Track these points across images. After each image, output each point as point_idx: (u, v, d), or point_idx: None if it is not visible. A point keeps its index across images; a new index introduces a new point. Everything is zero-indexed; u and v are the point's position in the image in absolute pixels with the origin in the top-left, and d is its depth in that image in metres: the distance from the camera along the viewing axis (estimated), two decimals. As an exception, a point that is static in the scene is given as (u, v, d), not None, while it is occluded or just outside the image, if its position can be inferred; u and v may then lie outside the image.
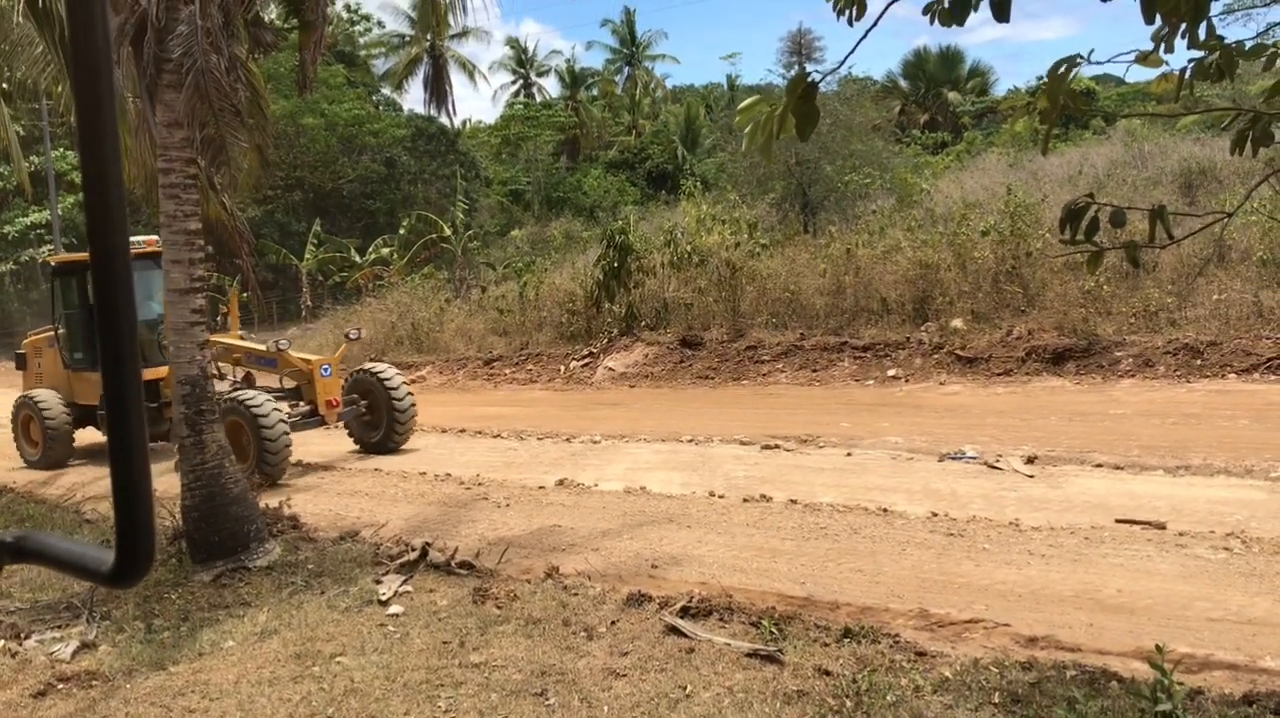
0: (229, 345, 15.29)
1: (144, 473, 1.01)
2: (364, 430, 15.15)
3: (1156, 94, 4.26)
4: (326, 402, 14.17)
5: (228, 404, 12.81)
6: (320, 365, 14.23)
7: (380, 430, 14.96)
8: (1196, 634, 6.48)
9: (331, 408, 14.20)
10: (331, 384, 14.30)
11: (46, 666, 7.21)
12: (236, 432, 12.72)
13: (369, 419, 15.01)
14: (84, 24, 0.96)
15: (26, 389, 17.08)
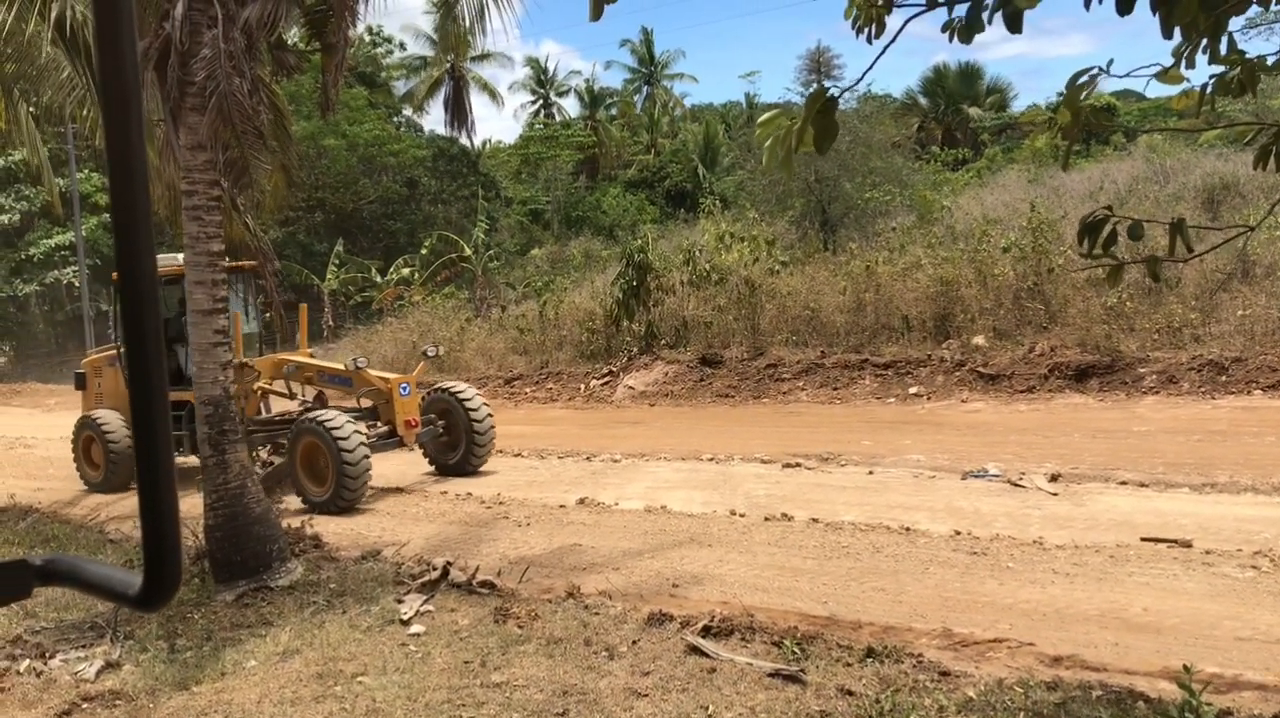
0: (301, 363, 14.75)
1: (171, 496, 1.02)
2: (441, 452, 14.52)
3: (1178, 109, 4.24)
4: (405, 422, 13.49)
5: (304, 425, 12.58)
6: (399, 384, 13.59)
7: (458, 452, 14.34)
8: (1225, 654, 6.41)
9: (410, 428, 13.54)
10: (410, 403, 13.64)
11: (71, 685, 7.24)
12: (312, 454, 12.55)
13: (446, 440, 14.40)
14: (112, 49, 0.97)
15: (86, 410, 16.50)
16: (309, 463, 12.68)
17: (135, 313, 0.99)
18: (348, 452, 12.17)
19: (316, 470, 12.59)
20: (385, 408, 13.69)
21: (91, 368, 16.90)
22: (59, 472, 17.08)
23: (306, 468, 12.69)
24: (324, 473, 12.47)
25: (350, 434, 12.29)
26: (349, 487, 12.25)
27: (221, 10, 8.79)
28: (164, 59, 8.91)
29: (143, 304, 0.99)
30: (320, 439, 12.34)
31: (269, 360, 14.83)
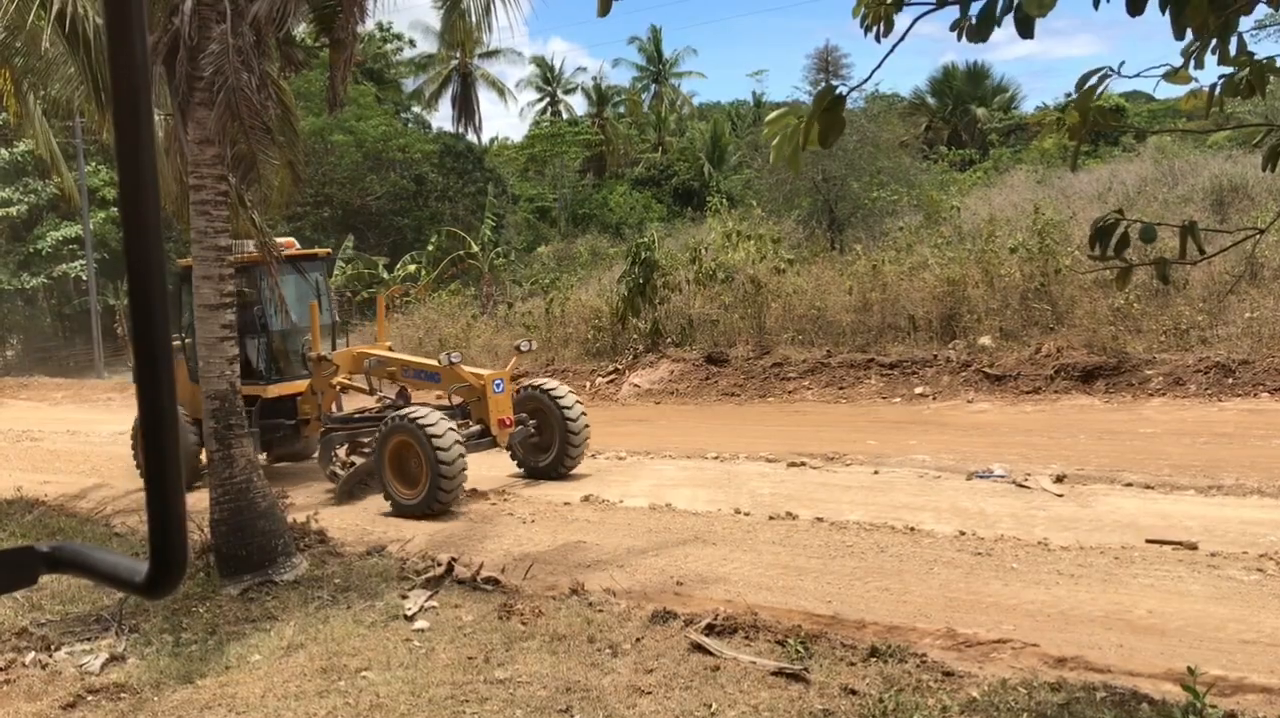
0: (383, 357, 13.95)
1: (177, 485, 1.02)
2: (531, 453, 13.53)
3: (1186, 110, 4.24)
4: (499, 420, 12.55)
5: (396, 423, 11.92)
6: (493, 380, 12.63)
7: (549, 454, 13.36)
8: (1230, 657, 6.40)
9: (504, 428, 12.61)
10: (504, 401, 12.71)
11: (76, 678, 7.26)
12: (403, 454, 11.96)
13: (537, 441, 13.39)
14: (122, 43, 0.97)
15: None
16: (398, 464, 12.05)
17: (144, 306, 1.00)
18: (443, 452, 11.46)
19: (407, 472, 11.96)
20: (477, 406, 12.80)
21: None
22: (65, 465, 17.14)
23: (395, 469, 12.05)
24: (415, 475, 11.82)
25: (446, 433, 11.59)
26: (444, 489, 11.55)
27: (230, 5, 8.81)
28: (173, 54, 8.93)
29: (151, 297, 1.00)
30: (413, 439, 11.68)
31: (347, 354, 14.21)
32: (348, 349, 14.51)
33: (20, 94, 11.90)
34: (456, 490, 11.71)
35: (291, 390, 14.34)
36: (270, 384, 14.34)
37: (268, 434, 14.33)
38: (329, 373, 13.69)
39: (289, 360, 14.82)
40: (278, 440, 14.79)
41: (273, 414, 14.37)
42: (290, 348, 14.88)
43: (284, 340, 14.75)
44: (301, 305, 14.96)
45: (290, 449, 15.46)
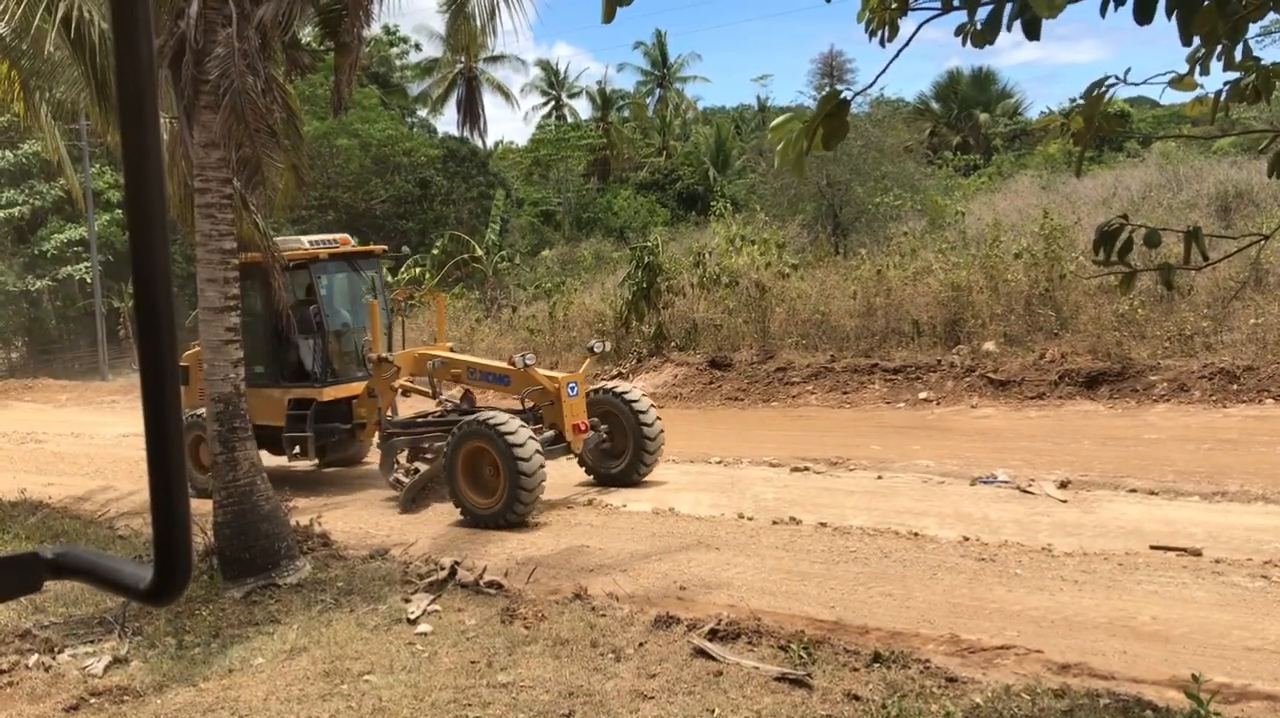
0: (448, 359, 13.32)
1: (182, 491, 1.02)
2: (602, 460, 12.90)
3: (1192, 116, 4.23)
4: (574, 425, 11.98)
5: (471, 428, 11.31)
6: (567, 383, 12.08)
7: (622, 460, 12.74)
8: (1234, 664, 6.38)
9: (579, 433, 12.03)
10: (578, 405, 12.14)
11: (79, 680, 7.27)
12: (477, 461, 11.41)
13: (608, 447, 12.78)
14: (128, 46, 0.97)
15: (188, 407, 14.58)
16: (472, 471, 11.50)
17: (149, 308, 1.00)
18: (523, 460, 10.88)
19: (481, 480, 11.42)
20: (550, 410, 12.16)
21: (195, 361, 14.82)
22: (69, 467, 17.16)
23: (469, 476, 11.49)
24: (491, 483, 11.30)
25: (526, 440, 11.02)
26: (523, 499, 11.00)
27: (236, 9, 8.82)
28: (178, 57, 8.95)
29: (157, 300, 1.00)
30: (490, 445, 11.09)
31: (409, 355, 13.63)
32: (409, 350, 14.07)
33: (27, 95, 11.91)
34: (535, 500, 11.19)
35: (347, 393, 13.83)
36: (325, 387, 13.78)
37: (322, 439, 13.85)
38: (389, 375, 13.17)
39: (343, 362, 14.30)
40: (332, 445, 14.22)
41: (327, 418, 13.83)
42: (345, 348, 14.37)
43: (338, 341, 14.25)
44: (354, 304, 14.71)
45: (345, 453, 14.98)
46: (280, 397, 13.87)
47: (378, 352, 13.37)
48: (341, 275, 14.57)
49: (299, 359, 14.00)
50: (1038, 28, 3.13)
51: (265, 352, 14.13)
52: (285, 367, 14.11)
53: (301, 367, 13.95)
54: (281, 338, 13.95)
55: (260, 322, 14.10)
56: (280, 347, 14.03)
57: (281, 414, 13.79)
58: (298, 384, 13.84)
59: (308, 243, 13.89)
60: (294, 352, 14.04)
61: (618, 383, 13.65)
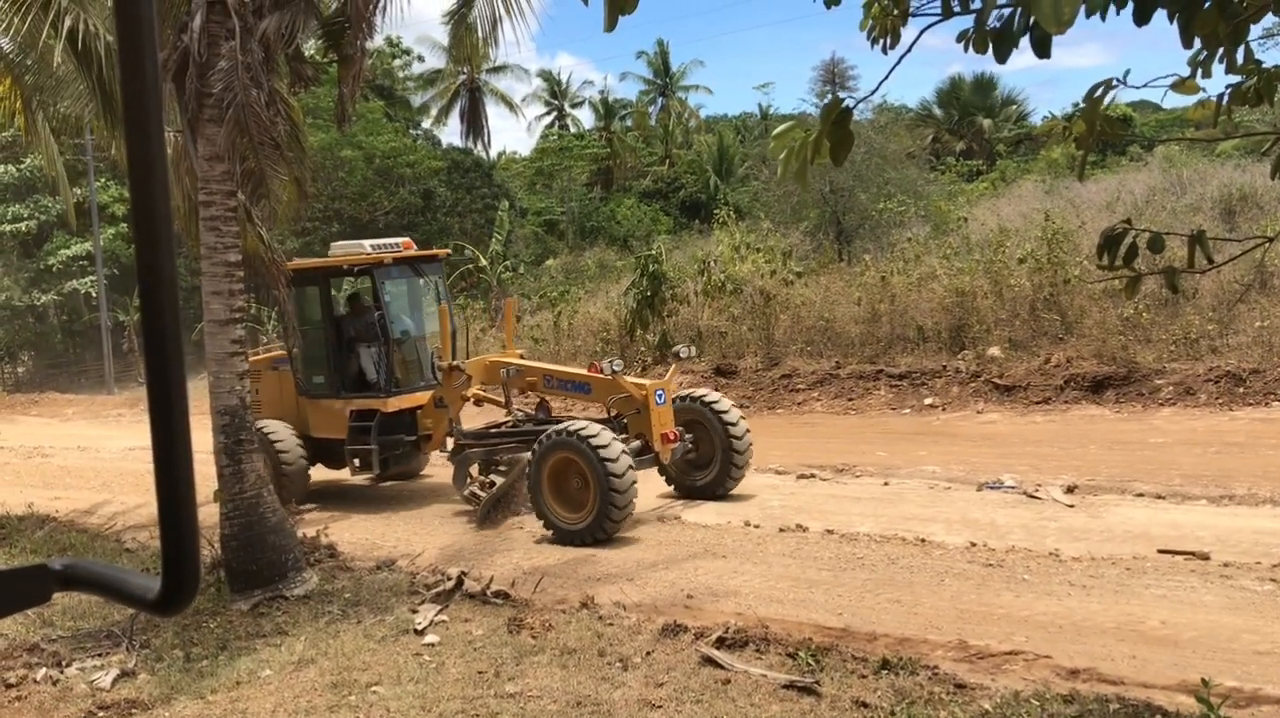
0: (523, 366, 12.69)
1: (190, 501, 1.02)
2: (687, 471, 12.28)
3: (1195, 120, 4.23)
4: (662, 435, 11.32)
5: (559, 439, 10.73)
6: (654, 391, 11.40)
7: (709, 472, 12.13)
8: (1244, 668, 6.36)
9: (668, 443, 11.37)
10: (667, 414, 11.51)
11: (87, 694, 7.27)
12: (563, 473, 10.86)
13: (694, 457, 12.15)
14: (133, 60, 0.98)
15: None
16: (557, 484, 10.95)
17: (156, 321, 1.00)
18: (615, 475, 10.29)
19: (568, 493, 10.86)
20: (636, 420, 11.49)
21: (259, 369, 14.56)
22: (76, 481, 17.17)
23: (554, 490, 10.94)
24: (579, 497, 10.74)
25: (619, 453, 10.44)
26: (613, 516, 10.43)
27: (239, 22, 8.86)
28: (182, 71, 8.98)
29: (163, 313, 1.00)
30: (579, 456, 10.52)
31: (480, 363, 12.98)
32: (481, 358, 13.48)
33: (29, 111, 11.96)
34: (627, 516, 10.63)
35: (411, 403, 13.23)
36: (390, 397, 13.15)
37: (386, 451, 13.21)
38: (460, 384, 12.57)
39: (406, 370, 13.69)
40: (396, 458, 13.61)
41: (391, 429, 13.20)
42: (408, 357, 13.82)
43: (401, 349, 13.63)
44: (416, 310, 14.29)
45: (408, 467, 14.55)
46: (341, 408, 13.40)
47: (447, 359, 12.92)
48: (405, 281, 14.11)
49: (360, 369, 13.56)
50: (1048, 45, 3.12)
51: (325, 362, 13.66)
52: (346, 377, 13.61)
53: (363, 376, 13.53)
54: (342, 347, 13.57)
55: (319, 331, 13.73)
56: (341, 356, 13.58)
57: (343, 426, 13.32)
58: (360, 395, 13.37)
59: (369, 247, 13.43)
60: (355, 361, 13.63)
61: (703, 390, 12.80)
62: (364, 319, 13.63)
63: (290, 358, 13.99)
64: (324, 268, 13.66)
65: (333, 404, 13.52)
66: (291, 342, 14.09)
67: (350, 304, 14.19)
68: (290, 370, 13.95)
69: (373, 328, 13.43)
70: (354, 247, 13.57)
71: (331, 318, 13.67)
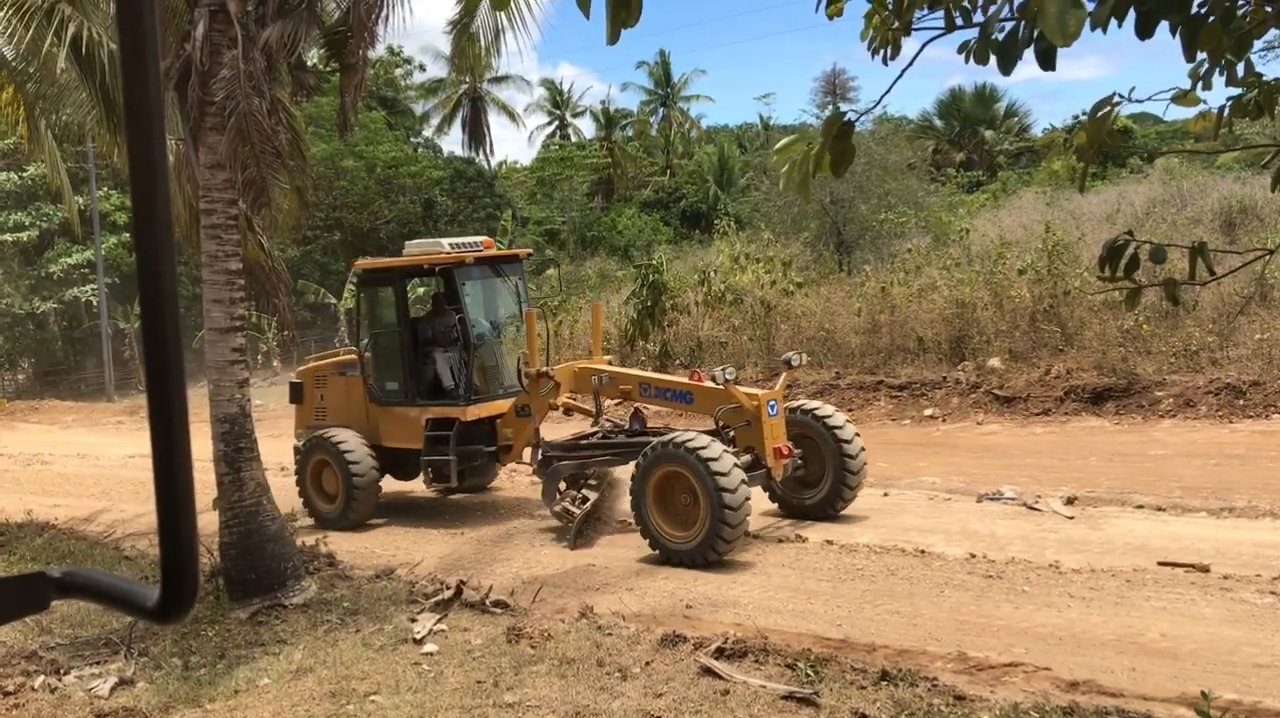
0: (616, 374, 12.05)
1: (189, 509, 1.02)
2: (795, 488, 11.37)
3: (1195, 132, 4.25)
4: (775, 449, 10.49)
5: (666, 451, 10.00)
6: (767, 401, 10.60)
7: (819, 489, 11.24)
8: (1243, 680, 6.35)
9: (780, 458, 10.52)
10: (779, 426, 10.69)
11: (85, 702, 7.25)
12: (670, 487, 10.14)
13: (803, 474, 11.26)
14: (135, 69, 0.98)
15: (303, 426, 13.88)
16: (663, 500, 10.23)
17: (156, 329, 1.00)
18: (728, 490, 9.55)
19: (674, 510, 10.15)
20: (746, 432, 10.65)
21: (311, 377, 14.12)
22: (75, 488, 17.17)
23: (659, 506, 10.22)
24: (686, 514, 10.01)
25: (731, 467, 9.69)
26: (725, 536, 9.65)
27: (242, 31, 8.88)
28: (184, 79, 9.01)
29: (164, 319, 1.00)
30: (689, 471, 9.77)
31: (569, 369, 12.36)
32: (569, 364, 12.81)
33: (32, 119, 11.99)
34: (740, 535, 9.88)
35: (491, 412, 12.47)
36: (469, 404, 12.34)
37: (463, 462, 12.42)
38: (547, 392, 11.96)
39: (485, 377, 12.91)
40: (473, 469, 12.88)
41: (470, 439, 12.43)
42: (487, 362, 13.08)
43: (480, 353, 12.85)
44: (494, 313, 13.67)
45: (482, 480, 13.84)
46: (417, 416, 12.64)
47: (535, 365, 12.10)
48: (484, 282, 13.37)
49: (436, 374, 12.89)
50: (1053, 57, 3.12)
51: (400, 367, 12.94)
52: (422, 383, 12.90)
53: (439, 383, 12.84)
54: (418, 352, 12.91)
55: (393, 334, 13.06)
56: (417, 361, 12.91)
57: (418, 436, 12.51)
58: (437, 402, 12.65)
59: (448, 245, 12.73)
60: (431, 366, 12.96)
61: (814, 402, 11.88)
62: (442, 322, 12.96)
63: (360, 363, 13.31)
64: (400, 267, 13.00)
65: (407, 412, 12.81)
66: (364, 345, 13.48)
67: (429, 306, 13.51)
68: (359, 376, 13.29)
69: (450, 331, 12.81)
70: (431, 245, 12.96)
71: (407, 321, 13.01)
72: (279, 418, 24.25)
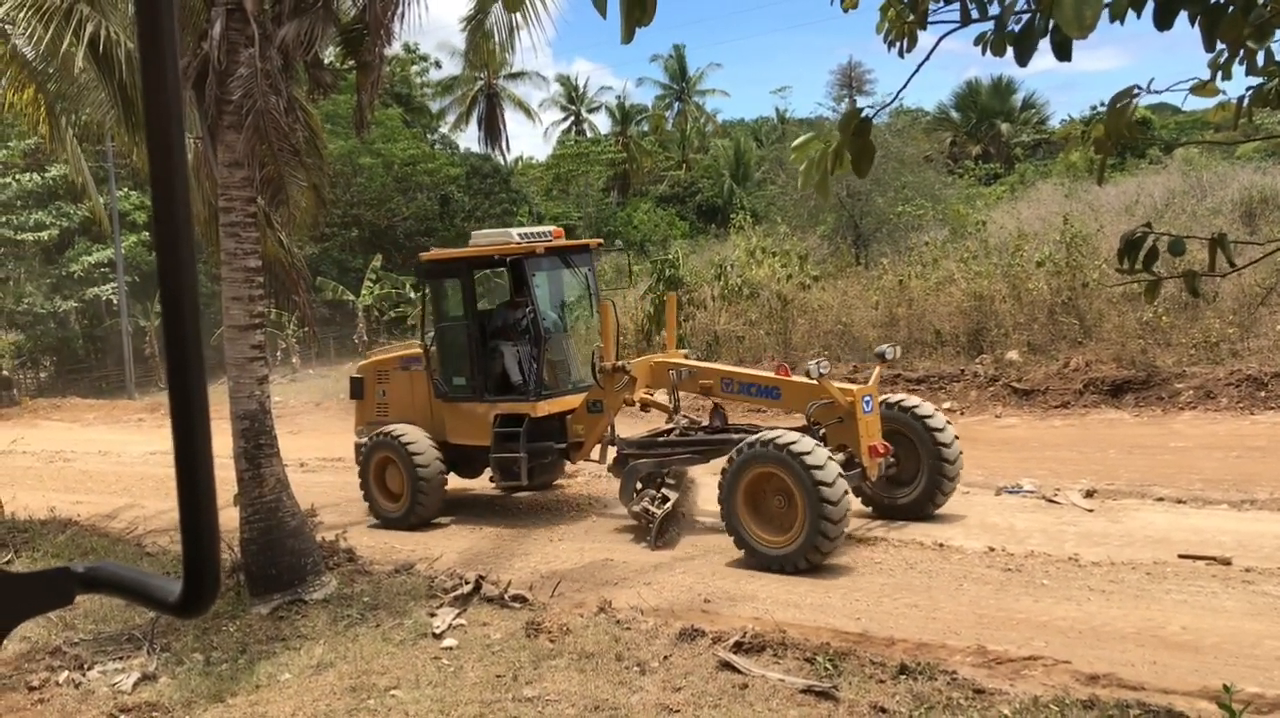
0: (696, 368, 11.61)
1: (210, 505, 1.03)
2: (887, 487, 10.76)
3: (1214, 122, 4.22)
4: (870, 447, 9.96)
5: (758, 449, 9.49)
6: (862, 397, 10.05)
7: (911, 489, 10.72)
8: (1266, 674, 6.31)
9: (876, 456, 10.00)
10: (874, 423, 10.15)
11: (109, 697, 7.31)
12: (762, 489, 9.64)
13: (894, 472, 10.65)
14: (154, 68, 0.99)
15: (364, 423, 13.50)
16: (754, 501, 9.71)
17: (177, 327, 1.01)
18: (827, 489, 9.01)
19: (766, 513, 9.65)
20: (839, 429, 10.10)
21: (373, 372, 13.76)
22: (97, 485, 17.29)
23: (750, 508, 9.70)
24: (780, 517, 9.51)
25: (829, 466, 9.17)
26: (825, 541, 9.11)
27: (259, 30, 8.91)
28: (202, 78, 9.05)
29: (184, 317, 1.01)
30: (785, 471, 9.25)
31: (646, 363, 11.84)
32: (645, 358, 12.26)
33: (53, 118, 12.06)
34: (840, 538, 9.35)
35: (561, 408, 12.09)
36: (540, 400, 11.96)
37: (534, 459, 11.99)
38: (622, 387, 11.49)
39: (554, 371, 12.49)
40: (542, 467, 12.45)
41: (540, 436, 11.98)
42: (556, 356, 12.64)
43: (549, 347, 12.40)
44: (564, 305, 13.30)
45: (549, 478, 13.31)
46: (485, 412, 12.22)
47: (611, 359, 11.62)
48: (554, 273, 12.98)
49: (504, 369, 12.46)
50: (1069, 48, 3.11)
51: (475, 361, 12.45)
52: (490, 378, 12.45)
53: (507, 377, 12.43)
54: (486, 345, 12.50)
55: (461, 327, 12.60)
56: (485, 355, 12.47)
57: (486, 432, 12.11)
58: (507, 398, 12.24)
59: (517, 235, 12.31)
60: (500, 361, 12.52)
61: (907, 397, 11.36)
62: (510, 315, 12.63)
63: (425, 357, 12.92)
64: (467, 258, 12.56)
65: (475, 408, 12.40)
66: (429, 339, 13.04)
67: (499, 298, 12.93)
68: (423, 371, 12.94)
69: (518, 324, 12.48)
70: (500, 235, 12.63)
71: (475, 313, 12.54)
72: (298, 414, 24.42)
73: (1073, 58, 3.12)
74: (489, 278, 13.19)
